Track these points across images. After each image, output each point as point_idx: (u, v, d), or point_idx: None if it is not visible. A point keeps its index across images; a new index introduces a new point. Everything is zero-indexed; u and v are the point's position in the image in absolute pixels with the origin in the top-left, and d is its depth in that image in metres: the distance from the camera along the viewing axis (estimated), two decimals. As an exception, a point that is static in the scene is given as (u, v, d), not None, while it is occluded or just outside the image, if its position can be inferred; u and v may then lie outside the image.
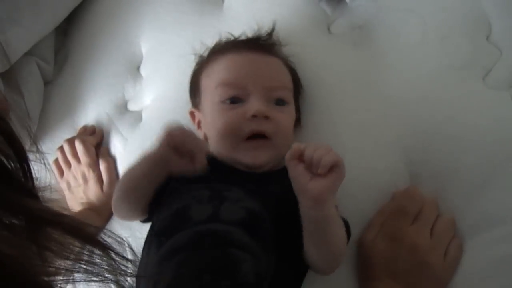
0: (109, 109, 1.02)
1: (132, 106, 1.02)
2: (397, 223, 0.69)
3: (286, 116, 0.75)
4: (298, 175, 0.59)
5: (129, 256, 0.45)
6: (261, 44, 0.81)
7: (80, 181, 0.98)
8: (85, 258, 0.39)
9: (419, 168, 0.74)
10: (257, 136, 0.71)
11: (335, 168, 0.58)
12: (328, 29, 0.89)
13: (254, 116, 0.70)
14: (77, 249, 0.38)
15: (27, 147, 1.02)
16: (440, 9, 0.79)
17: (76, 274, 0.38)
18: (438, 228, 0.69)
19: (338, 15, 0.88)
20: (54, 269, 0.37)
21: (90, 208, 0.96)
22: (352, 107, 0.79)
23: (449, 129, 0.73)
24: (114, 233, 0.43)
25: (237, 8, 0.94)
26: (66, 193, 1.01)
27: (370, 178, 0.75)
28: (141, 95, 1.00)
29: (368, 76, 0.81)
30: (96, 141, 1.00)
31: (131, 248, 0.45)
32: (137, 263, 0.50)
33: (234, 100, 0.73)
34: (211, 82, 0.77)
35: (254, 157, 0.71)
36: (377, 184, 0.74)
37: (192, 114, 0.83)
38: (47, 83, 1.11)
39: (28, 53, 1.04)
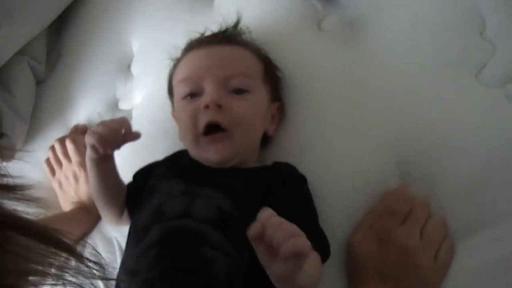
0: (100, 108, 1.01)
1: (123, 105, 1.01)
2: (386, 224, 0.68)
3: (246, 103, 0.72)
4: (260, 255, 0.52)
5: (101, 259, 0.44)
6: (222, 36, 0.80)
7: (71, 180, 0.98)
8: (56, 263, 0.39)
9: (410, 167, 0.72)
10: (215, 129, 0.70)
11: (296, 255, 0.49)
12: (319, 25, 0.87)
13: (206, 106, 0.69)
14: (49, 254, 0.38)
15: (18, 146, 1.02)
16: (432, 4, 0.77)
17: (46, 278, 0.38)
18: (429, 229, 0.67)
19: (329, 12, 0.87)
20: (23, 272, 0.37)
21: (81, 207, 0.96)
22: (341, 105, 0.78)
23: (440, 127, 0.71)
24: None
25: (227, 5, 0.93)
26: (58, 192, 1.01)
27: (359, 178, 0.73)
28: (132, 94, 1.00)
29: (358, 74, 0.79)
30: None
31: (97, 252, 0.45)
32: (106, 266, 0.50)
33: (192, 95, 0.73)
34: (175, 81, 0.78)
35: (215, 151, 0.70)
36: (366, 184, 0.72)
37: (174, 117, 0.84)
38: (39, 82, 1.10)
39: (20, 53, 1.04)
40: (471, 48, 0.74)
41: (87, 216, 0.94)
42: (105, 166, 0.74)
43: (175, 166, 0.76)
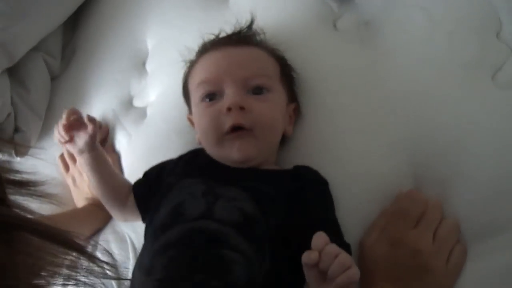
0: (115, 105, 1.01)
1: (137, 102, 1.01)
2: (399, 226, 0.67)
3: (267, 104, 0.72)
4: (310, 278, 0.56)
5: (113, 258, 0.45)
6: (238, 38, 0.80)
7: (85, 176, 0.98)
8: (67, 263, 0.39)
9: (424, 169, 0.71)
10: (238, 129, 0.70)
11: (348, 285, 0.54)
12: (334, 25, 0.87)
13: (229, 109, 0.69)
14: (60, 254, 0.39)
15: (33, 142, 1.03)
16: (447, 4, 0.76)
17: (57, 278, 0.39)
18: (441, 232, 0.66)
19: (344, 11, 0.86)
20: (35, 272, 0.38)
21: (94, 203, 0.96)
22: (355, 106, 0.77)
23: (455, 129, 0.70)
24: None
25: (243, 3, 0.92)
26: (72, 188, 1.02)
27: (372, 179, 0.73)
28: (146, 91, 1.00)
29: (373, 74, 0.79)
30: (101, 137, 1.00)
31: (108, 252, 0.45)
32: (118, 266, 0.51)
33: (212, 97, 0.73)
34: (193, 83, 0.77)
35: (240, 149, 0.70)
36: (379, 185, 0.72)
37: (189, 120, 0.84)
38: (54, 78, 1.11)
39: (35, 49, 1.04)
40: (487, 49, 0.73)
41: (100, 212, 0.94)
42: (98, 161, 0.79)
43: (193, 165, 0.76)
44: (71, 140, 0.77)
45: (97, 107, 1.04)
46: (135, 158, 0.95)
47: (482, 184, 0.67)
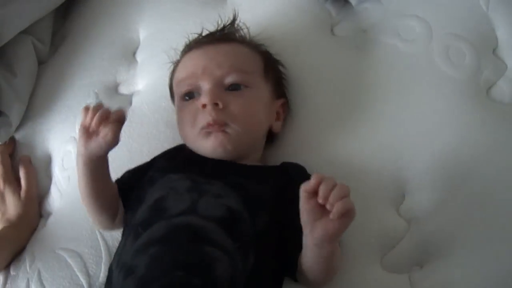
0: (98, 89, 0.98)
1: (123, 90, 0.99)
2: None
3: (244, 99, 0.72)
4: (309, 209, 0.57)
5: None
6: (220, 35, 0.80)
7: None
8: None
9: (410, 173, 0.72)
10: (214, 125, 0.70)
11: (347, 214, 0.55)
12: (332, 30, 0.87)
13: (204, 106, 0.70)
14: None
15: (14, 127, 0.98)
16: (446, 16, 0.78)
17: None
18: None
19: (343, 18, 0.87)
20: None
21: (9, 226, 0.90)
22: (347, 108, 0.78)
23: (447, 141, 0.71)
24: None
25: (241, 2, 0.92)
26: None
27: (358, 179, 0.73)
28: (134, 80, 0.97)
29: (366, 80, 0.79)
30: (8, 150, 0.98)
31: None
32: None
33: (191, 95, 0.74)
34: (174, 82, 0.79)
35: (214, 144, 0.70)
36: (367, 186, 0.73)
37: None
38: (41, 63, 1.08)
39: (25, 32, 1.02)
40: (483, 64, 0.74)
41: (15, 233, 0.89)
42: (102, 163, 0.69)
43: (177, 160, 0.75)
44: (94, 133, 0.66)
45: (81, 91, 1.00)
46: (119, 148, 0.92)
47: (471, 193, 0.68)
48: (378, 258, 0.71)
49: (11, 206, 0.92)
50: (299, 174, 0.72)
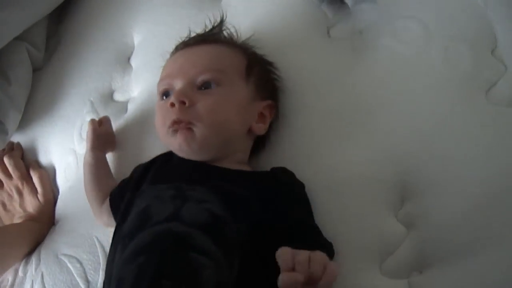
0: (94, 97, 0.99)
1: (118, 97, 0.99)
2: None
3: (214, 98, 0.72)
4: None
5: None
6: (203, 37, 0.81)
7: (16, 196, 0.99)
8: None
9: (409, 178, 0.71)
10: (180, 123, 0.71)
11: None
12: (328, 32, 0.86)
13: (172, 105, 0.70)
14: None
15: (10, 135, 1.00)
16: (444, 17, 0.76)
17: None
18: None
19: (339, 19, 0.85)
20: None
21: (30, 219, 0.95)
22: (343, 112, 0.77)
23: (446, 143, 0.70)
24: None
25: (236, 5, 0.91)
26: (2, 214, 1.02)
27: (356, 184, 0.72)
28: (129, 87, 0.98)
29: (363, 83, 0.78)
30: (20, 155, 1.03)
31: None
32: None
33: (167, 95, 0.76)
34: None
35: (180, 142, 0.71)
36: (363, 191, 0.72)
37: None
38: (35, 70, 1.08)
39: (19, 38, 1.02)
40: (481, 65, 0.72)
41: (36, 225, 0.94)
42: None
43: (164, 169, 0.76)
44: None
45: (76, 98, 1.01)
46: (114, 153, 0.92)
47: (469, 198, 0.67)
48: (377, 263, 0.70)
49: (30, 205, 0.97)
50: (287, 179, 0.72)
